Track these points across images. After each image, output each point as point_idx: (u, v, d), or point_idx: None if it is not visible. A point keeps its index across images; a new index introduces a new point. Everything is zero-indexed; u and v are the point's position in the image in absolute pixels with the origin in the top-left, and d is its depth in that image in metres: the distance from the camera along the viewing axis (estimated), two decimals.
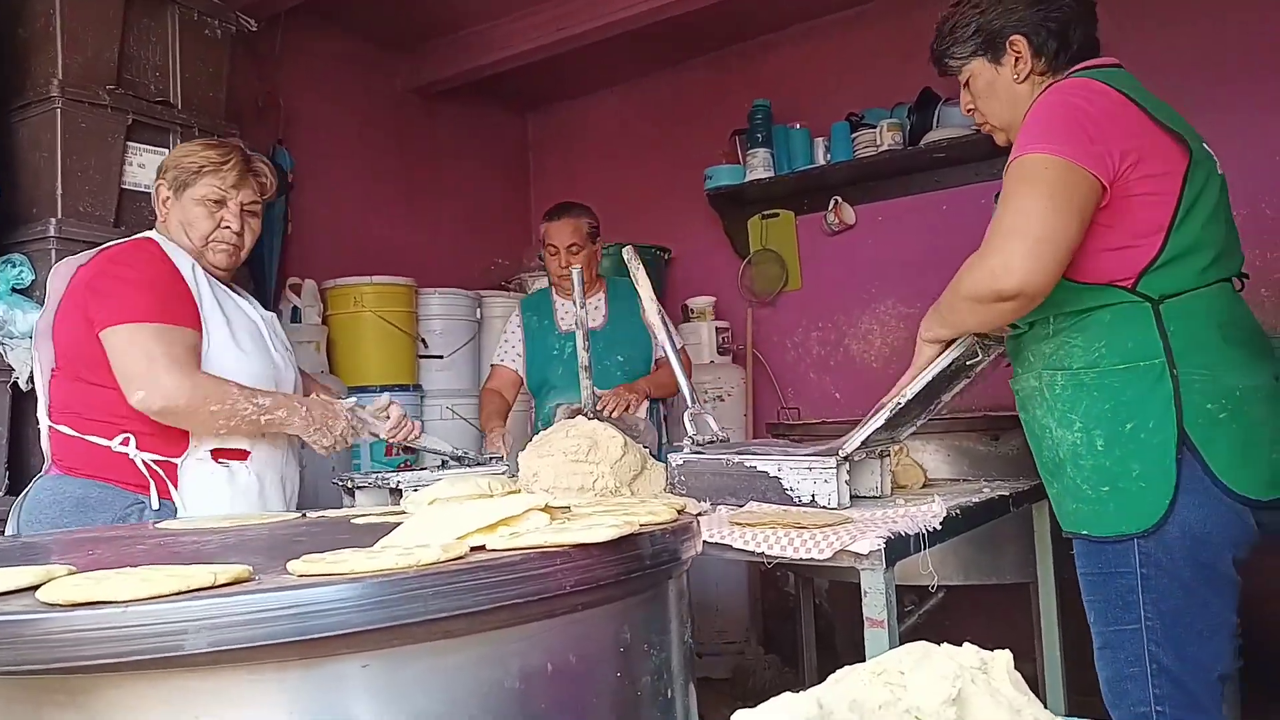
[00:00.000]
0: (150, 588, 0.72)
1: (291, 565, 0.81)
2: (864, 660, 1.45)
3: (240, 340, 1.81)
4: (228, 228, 1.88)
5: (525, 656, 0.85)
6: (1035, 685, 2.27)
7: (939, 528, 1.55)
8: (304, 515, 1.50)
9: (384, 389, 3.58)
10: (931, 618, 2.88)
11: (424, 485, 2.00)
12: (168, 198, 1.89)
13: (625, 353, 3.10)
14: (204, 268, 1.87)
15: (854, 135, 3.89)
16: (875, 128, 3.81)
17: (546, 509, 1.01)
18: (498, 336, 4.03)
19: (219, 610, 0.71)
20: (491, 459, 2.38)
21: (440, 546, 0.84)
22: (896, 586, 1.44)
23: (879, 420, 1.74)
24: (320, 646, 0.75)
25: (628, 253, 2.37)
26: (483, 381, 3.98)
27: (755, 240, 4.34)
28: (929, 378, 1.71)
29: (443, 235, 4.52)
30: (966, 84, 1.75)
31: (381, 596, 0.75)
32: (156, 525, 1.40)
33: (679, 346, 2.45)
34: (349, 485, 2.16)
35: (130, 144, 2.52)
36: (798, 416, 3.72)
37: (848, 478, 1.78)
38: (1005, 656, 0.66)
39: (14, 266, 2.28)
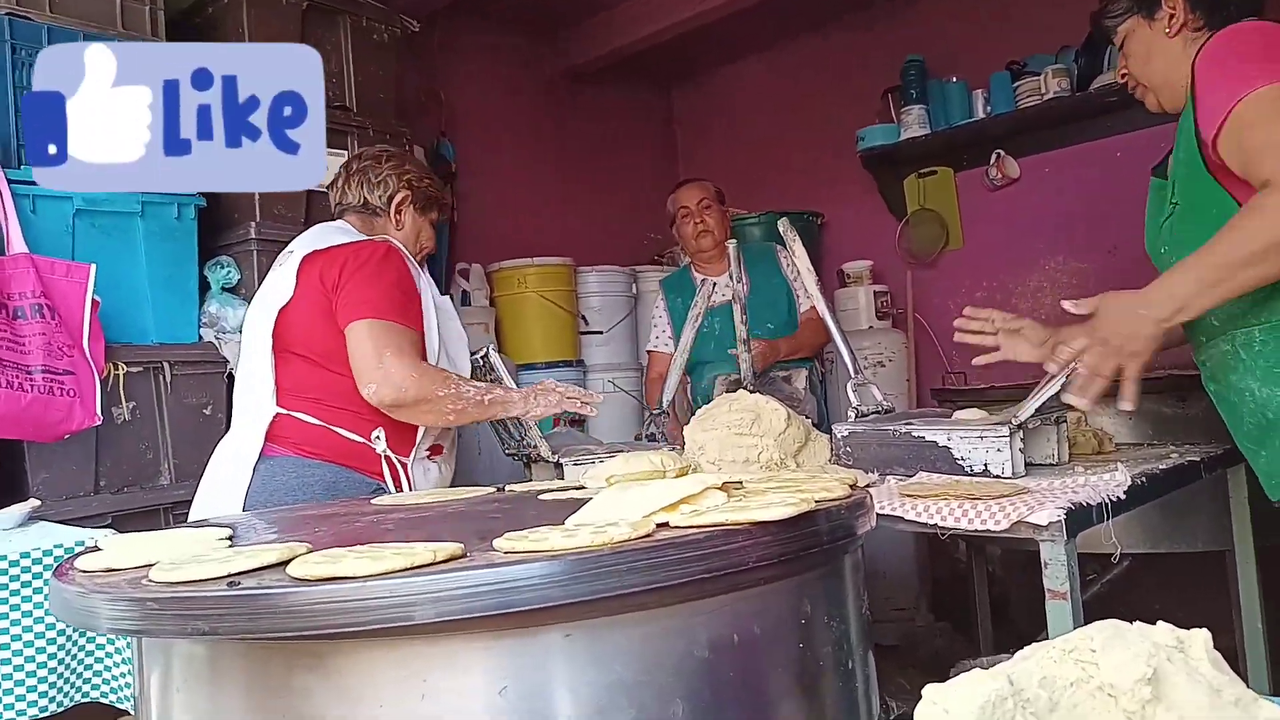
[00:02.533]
0: (382, 565, 0.82)
1: (498, 543, 0.89)
2: (1043, 630, 1.43)
3: (450, 345, 1.98)
4: (432, 248, 2.14)
5: (712, 628, 0.90)
6: (1234, 661, 2.15)
7: (1123, 497, 1.49)
8: (500, 489, 1.60)
9: (548, 365, 3.74)
10: (1115, 587, 2.75)
11: (584, 462, 2.12)
12: (409, 211, 2.06)
13: (770, 319, 3.10)
14: None
15: (1015, 84, 3.71)
16: (1039, 75, 3.62)
17: (723, 487, 1.05)
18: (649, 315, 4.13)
19: (442, 585, 0.80)
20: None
21: (629, 525, 0.90)
22: (1078, 555, 1.40)
23: (1053, 387, 1.69)
24: (528, 617, 0.83)
25: (783, 224, 2.37)
26: (643, 362, 4.09)
27: (913, 200, 4.22)
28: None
29: (597, 213, 4.62)
30: (1121, 46, 1.70)
31: (581, 572, 0.81)
32: (371, 501, 1.54)
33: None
34: (530, 458, 2.27)
35: None
36: (964, 381, 3.61)
37: (1021, 445, 1.73)
38: (1204, 635, 0.65)
39: (223, 268, 2.51)
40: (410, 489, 1.87)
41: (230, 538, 1.17)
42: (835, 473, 1.80)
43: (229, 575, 0.87)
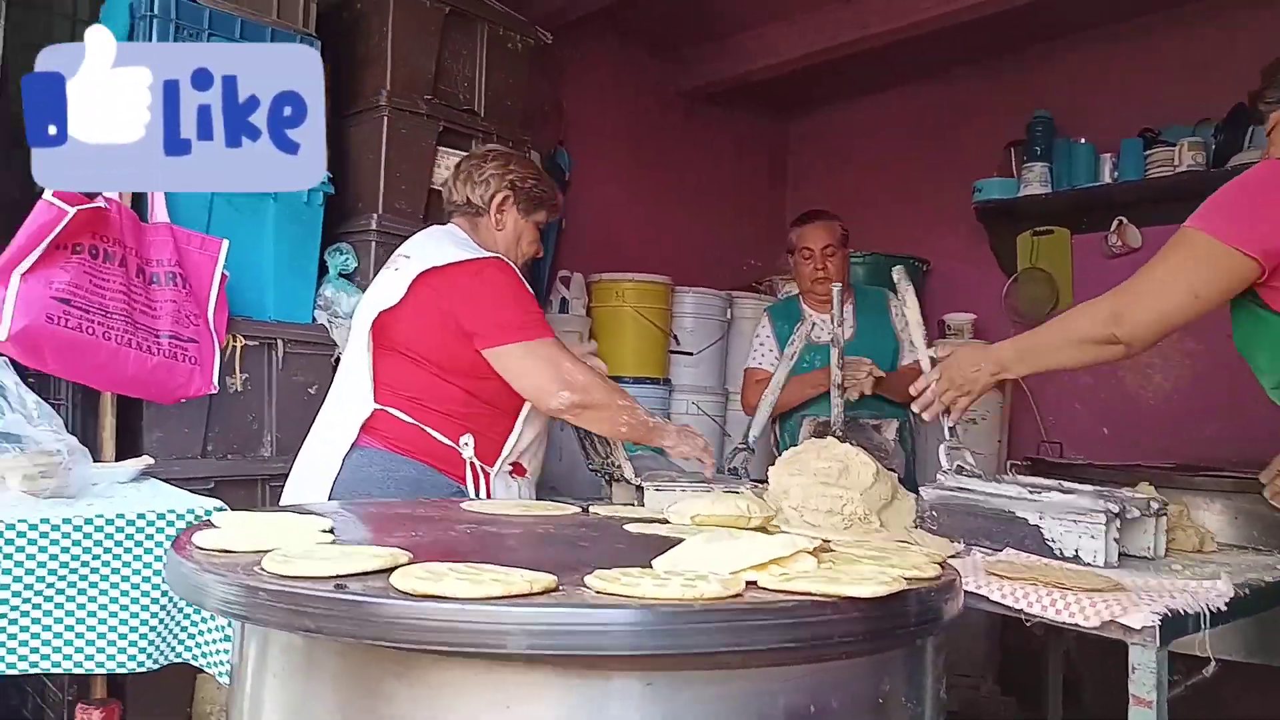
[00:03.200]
0: (481, 589, 0.85)
1: (591, 580, 0.91)
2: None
3: None
4: (536, 251, 2.16)
5: (790, 695, 0.90)
6: None
7: (1224, 608, 1.43)
8: (585, 510, 1.63)
9: (635, 380, 3.77)
10: (1199, 690, 2.63)
11: (665, 489, 2.14)
12: (511, 211, 2.06)
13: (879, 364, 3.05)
14: None
15: (1147, 153, 3.60)
16: (1174, 146, 3.50)
17: (814, 551, 1.06)
18: (747, 339, 4.11)
19: (537, 618, 0.82)
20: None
21: (720, 581, 0.91)
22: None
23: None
24: (614, 660, 0.85)
25: (898, 273, 2.34)
26: (730, 387, 4.09)
27: (1024, 258, 4.12)
28: None
29: (699, 234, 4.65)
30: (1270, 133, 1.69)
31: (671, 625, 0.83)
32: (462, 505, 1.58)
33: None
34: (612, 476, 2.31)
35: (440, 148, 2.81)
36: (1059, 453, 3.50)
37: (1118, 535, 1.68)
38: None
39: (342, 254, 2.62)
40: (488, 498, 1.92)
41: (331, 529, 1.22)
42: (921, 538, 1.78)
43: (337, 576, 0.91)
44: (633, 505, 2.21)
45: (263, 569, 0.94)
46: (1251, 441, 1.77)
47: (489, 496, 1.91)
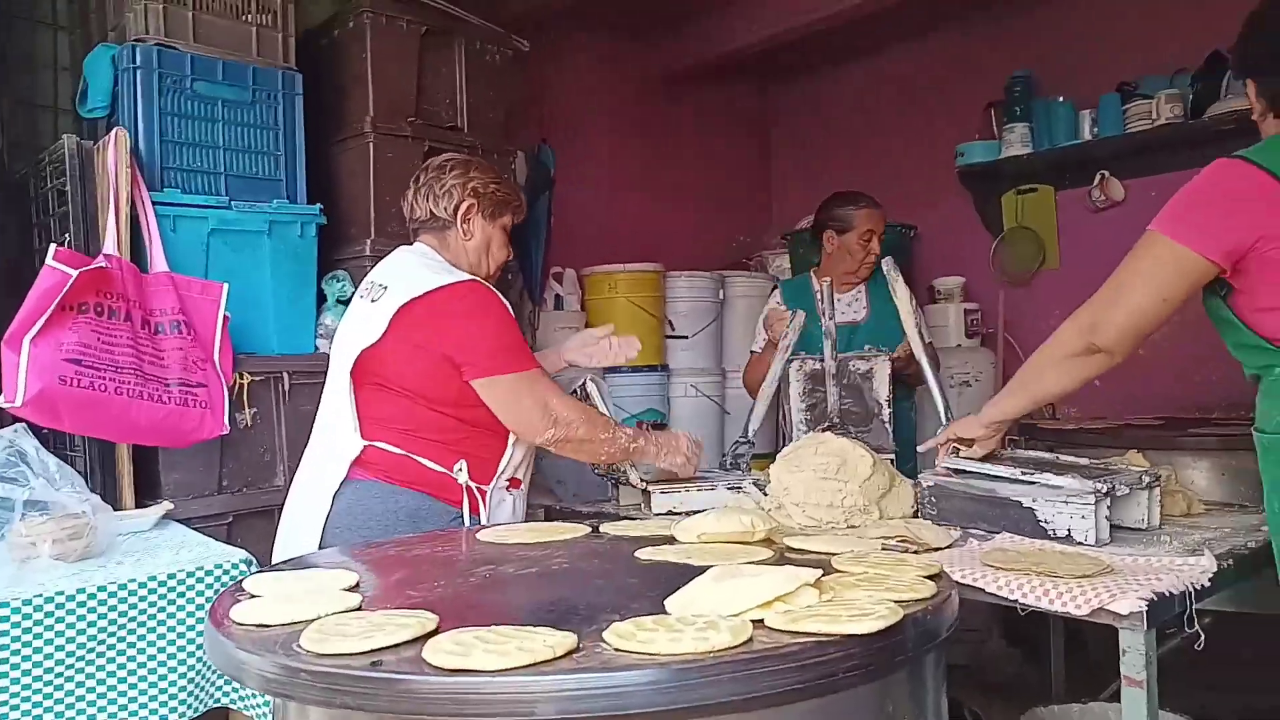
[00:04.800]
0: (508, 660, 0.91)
1: (609, 637, 0.98)
2: (1116, 678, 1.45)
3: None
4: (506, 255, 2.13)
5: None
6: None
7: (1208, 584, 1.51)
8: (595, 530, 1.70)
9: (633, 369, 3.82)
10: (1190, 640, 2.72)
11: (670, 492, 2.21)
12: (476, 219, 2.04)
13: (893, 347, 3.08)
14: None
15: (1125, 107, 3.62)
16: (1151, 99, 3.53)
17: (816, 584, 1.13)
18: (741, 318, 4.16)
19: (562, 686, 0.89)
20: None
21: (730, 630, 0.98)
22: None
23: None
24: (635, 716, 0.92)
25: (887, 263, 2.40)
26: (727, 366, 4.14)
27: (1010, 217, 4.16)
28: None
29: (687, 215, 4.67)
30: (1258, 119, 1.75)
31: (686, 682, 0.90)
32: (478, 536, 1.64)
33: (938, 367, 2.41)
34: (618, 480, 2.37)
35: None
36: (1052, 412, 3.58)
37: (1108, 513, 1.75)
38: None
39: (339, 281, 2.67)
40: (486, 518, 1.95)
41: (356, 584, 1.29)
42: (920, 526, 1.85)
43: (372, 652, 0.98)
44: (640, 508, 2.29)
45: (300, 647, 1.01)
46: (1240, 384, 1.84)
47: (486, 517, 1.95)
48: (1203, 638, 1.50)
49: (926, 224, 4.39)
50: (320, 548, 1.81)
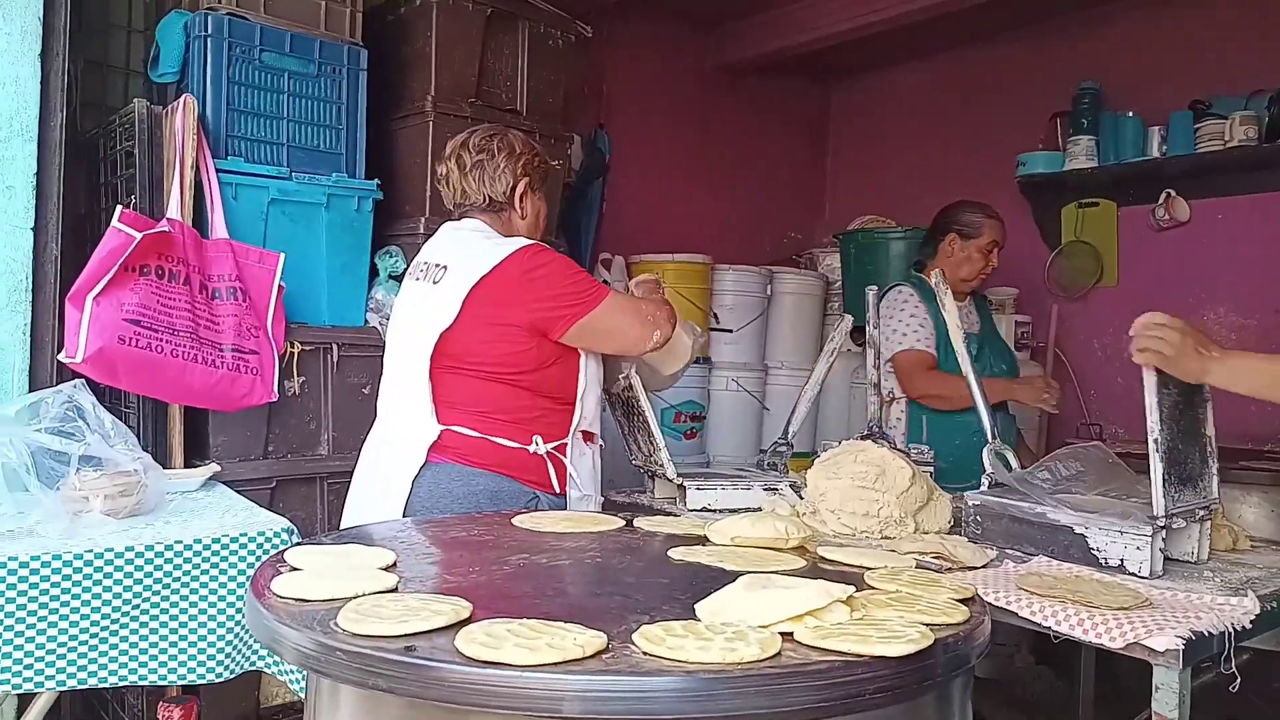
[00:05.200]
0: (538, 657, 0.93)
1: (639, 640, 0.99)
2: (1147, 702, 1.43)
3: None
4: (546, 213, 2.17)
5: None
6: None
7: (1249, 626, 1.48)
8: (629, 524, 1.71)
9: None
10: (1226, 676, 2.68)
11: (706, 489, 2.22)
12: (530, 198, 2.08)
13: (1008, 360, 3.09)
14: None
15: (1197, 126, 3.53)
16: (1225, 120, 3.44)
17: (847, 601, 1.12)
18: (788, 314, 4.13)
19: (590, 686, 0.90)
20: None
21: (759, 642, 0.98)
22: None
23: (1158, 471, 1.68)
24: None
25: (936, 276, 2.37)
26: (770, 363, 4.12)
27: (1069, 230, 4.09)
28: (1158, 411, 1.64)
29: (739, 209, 4.65)
30: None
31: (713, 692, 0.91)
32: (514, 521, 1.65)
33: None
34: (654, 474, 2.39)
35: None
36: (1099, 434, 3.52)
37: (1163, 545, 1.71)
38: None
39: (391, 257, 2.70)
40: (573, 473, 1.99)
41: (395, 563, 1.31)
42: (955, 544, 1.83)
43: (406, 636, 1.00)
44: (674, 502, 2.30)
45: (338, 625, 1.03)
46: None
47: (572, 471, 1.99)
48: (1239, 680, 1.47)
49: None
50: None
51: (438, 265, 1.97)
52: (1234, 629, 1.45)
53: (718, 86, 4.58)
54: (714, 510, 2.20)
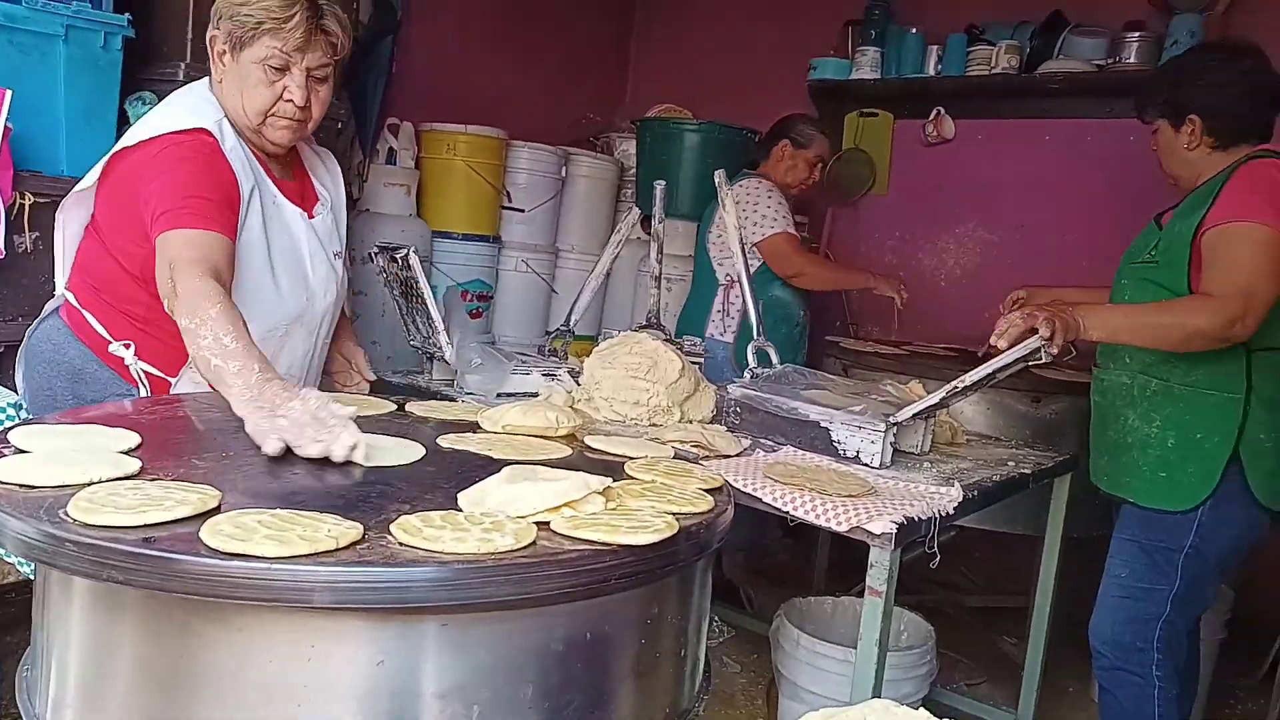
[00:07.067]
0: (289, 549, 0.92)
1: (396, 530, 1.00)
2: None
3: (279, 277, 1.76)
4: (290, 100, 1.66)
5: (569, 627, 1.04)
6: (1025, 622, 2.47)
7: (952, 512, 1.70)
8: (400, 408, 1.69)
9: (465, 237, 3.75)
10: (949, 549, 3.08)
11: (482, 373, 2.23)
12: (224, 52, 1.68)
13: None
14: (258, 145, 1.75)
15: (970, 49, 3.76)
16: (993, 46, 3.68)
17: (604, 492, 1.19)
18: (582, 196, 4.10)
19: (341, 577, 0.91)
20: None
21: (514, 533, 1.02)
22: None
23: (934, 399, 1.87)
24: (412, 608, 0.95)
25: (719, 177, 2.44)
26: (569, 245, 4.11)
27: (849, 137, 4.29)
28: (991, 369, 1.81)
29: (537, 84, 4.51)
30: (1155, 131, 2.11)
31: (465, 580, 0.94)
32: None
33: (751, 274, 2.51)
34: (432, 355, 2.36)
35: None
36: (854, 334, 3.82)
37: (894, 440, 1.91)
38: None
39: (145, 104, 2.42)
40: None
41: (140, 444, 1.24)
42: (715, 432, 1.96)
43: (145, 526, 0.95)
44: (451, 386, 2.30)
45: (68, 514, 0.97)
46: None
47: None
48: (939, 556, 1.68)
49: None
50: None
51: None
52: (940, 514, 1.66)
53: None
54: (495, 396, 2.21)
